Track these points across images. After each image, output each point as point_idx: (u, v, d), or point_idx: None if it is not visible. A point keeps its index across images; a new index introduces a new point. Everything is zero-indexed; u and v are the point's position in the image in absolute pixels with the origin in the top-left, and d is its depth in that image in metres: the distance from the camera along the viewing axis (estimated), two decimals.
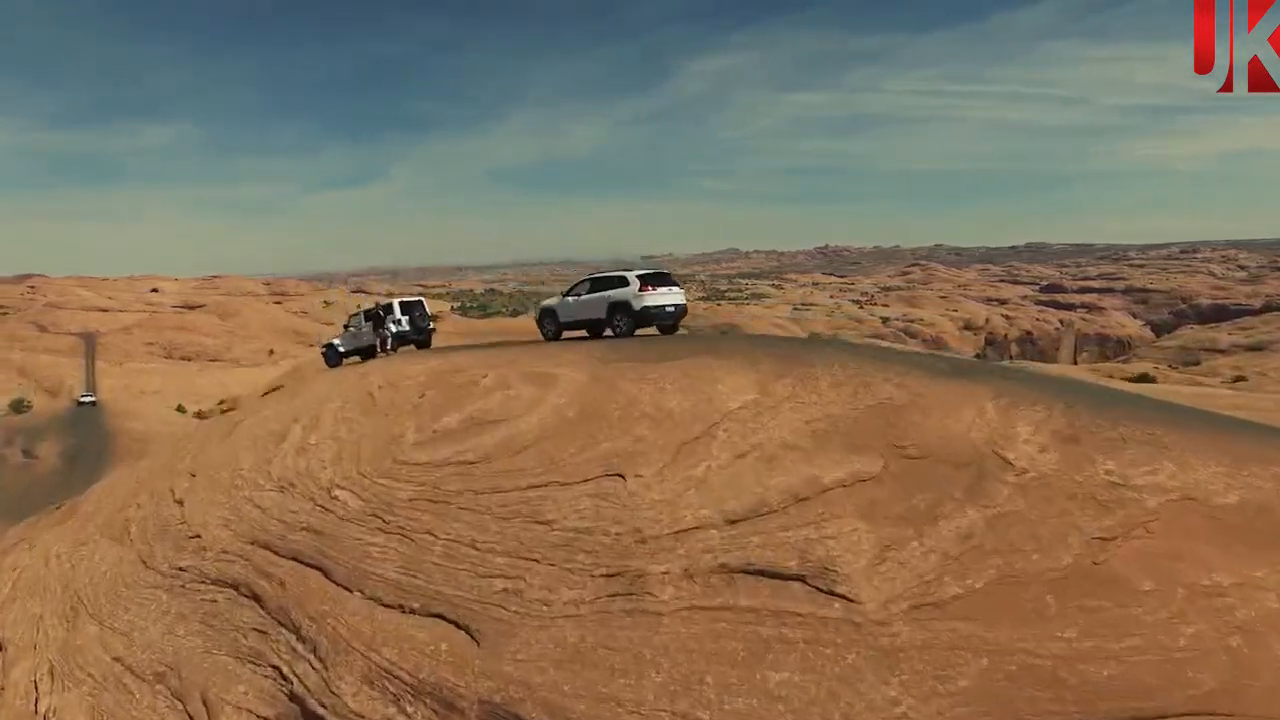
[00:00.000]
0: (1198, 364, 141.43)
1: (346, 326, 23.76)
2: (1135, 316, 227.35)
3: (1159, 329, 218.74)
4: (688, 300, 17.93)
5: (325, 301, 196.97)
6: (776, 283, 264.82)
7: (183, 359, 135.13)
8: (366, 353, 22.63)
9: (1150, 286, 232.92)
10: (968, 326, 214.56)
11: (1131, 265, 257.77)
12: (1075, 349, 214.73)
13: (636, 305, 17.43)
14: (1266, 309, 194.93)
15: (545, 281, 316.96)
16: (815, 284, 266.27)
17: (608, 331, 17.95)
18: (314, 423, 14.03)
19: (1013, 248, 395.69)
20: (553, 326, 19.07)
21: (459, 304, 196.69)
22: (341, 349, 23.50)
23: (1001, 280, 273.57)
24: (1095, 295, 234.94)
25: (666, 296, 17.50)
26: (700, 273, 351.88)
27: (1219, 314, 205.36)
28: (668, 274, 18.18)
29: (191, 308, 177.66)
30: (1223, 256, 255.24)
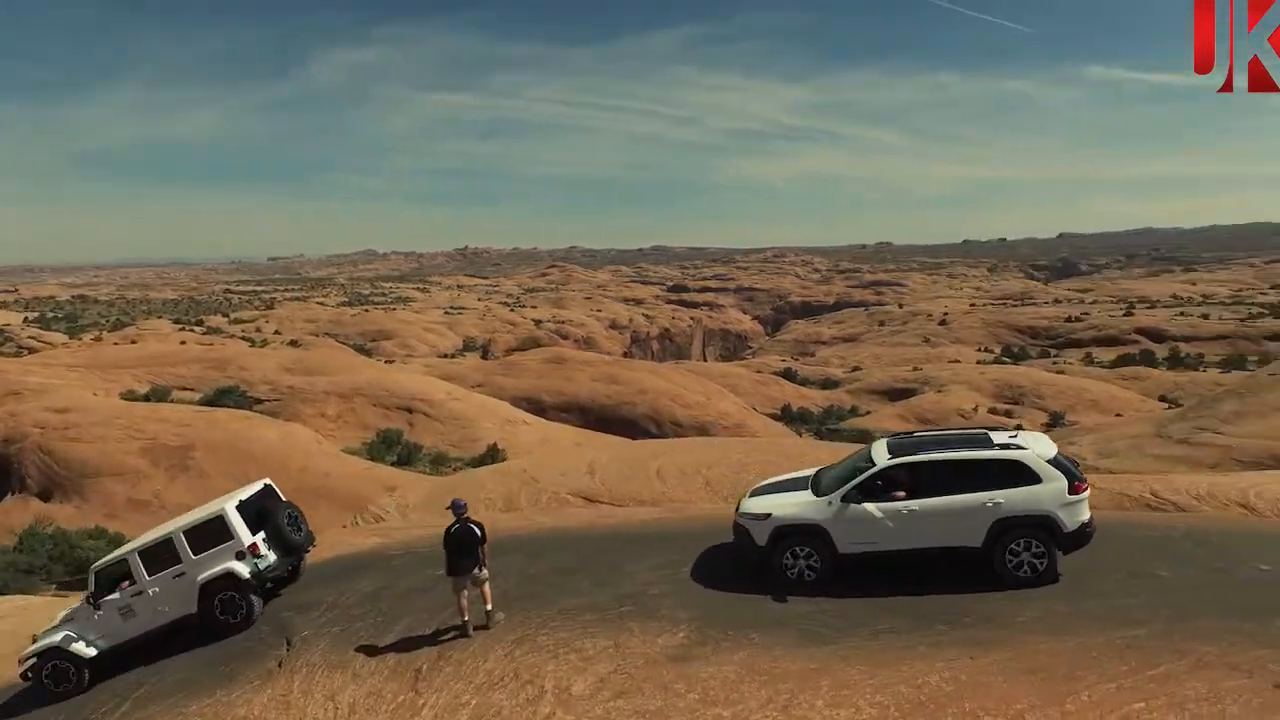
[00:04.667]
0: (812, 355, 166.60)
1: (93, 594, 11.37)
2: (745, 313, 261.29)
3: (764, 323, 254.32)
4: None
5: None
6: (421, 286, 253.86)
7: None
8: (162, 638, 11.22)
9: (755, 286, 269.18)
10: (614, 326, 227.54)
11: (739, 268, 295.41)
12: (704, 344, 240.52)
13: (1070, 522, 9.59)
14: (838, 305, 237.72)
15: (151, 285, 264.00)
16: (460, 286, 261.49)
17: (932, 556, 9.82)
18: None
19: (640, 250, 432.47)
20: (820, 559, 10.10)
21: (36, 315, 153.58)
22: (91, 651, 11.16)
23: (634, 281, 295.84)
24: (714, 294, 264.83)
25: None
26: (337, 275, 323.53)
27: (806, 309, 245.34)
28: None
29: None
30: (803, 260, 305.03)
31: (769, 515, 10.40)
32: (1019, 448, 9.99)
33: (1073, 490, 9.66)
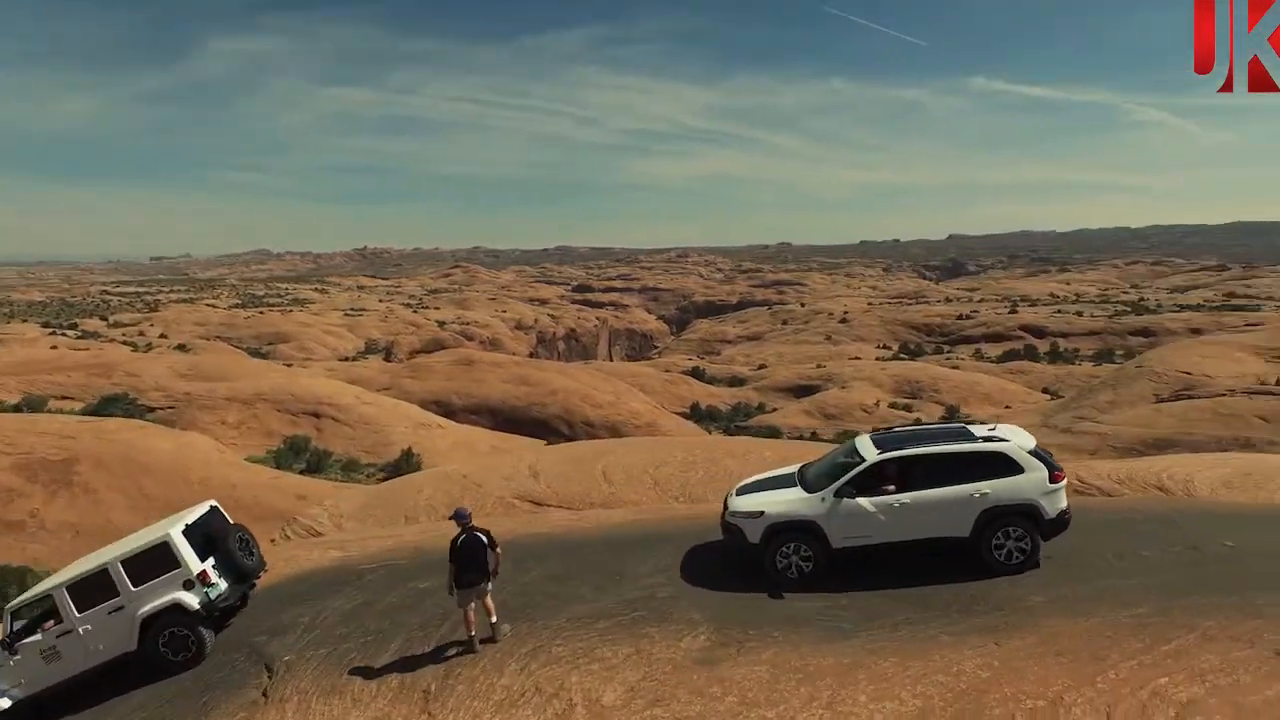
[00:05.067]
0: (718, 354, 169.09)
1: (9, 638, 10.25)
2: (650, 312, 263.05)
3: (669, 322, 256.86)
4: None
5: None
6: (319, 287, 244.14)
7: None
8: (94, 680, 10.03)
9: (660, 286, 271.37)
10: (519, 326, 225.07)
11: (643, 267, 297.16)
12: (610, 344, 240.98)
13: (1051, 510, 9.99)
14: (741, 305, 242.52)
15: (13, 286, 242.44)
16: (360, 287, 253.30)
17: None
18: None
19: (544, 250, 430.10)
20: (813, 554, 10.11)
21: None
22: (4, 702, 10.06)
23: (538, 281, 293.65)
24: (619, 294, 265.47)
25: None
26: (229, 276, 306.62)
27: (710, 309, 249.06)
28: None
29: None
30: (706, 261, 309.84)
31: (762, 513, 10.44)
32: (1001, 440, 10.41)
33: (1052, 479, 10.10)
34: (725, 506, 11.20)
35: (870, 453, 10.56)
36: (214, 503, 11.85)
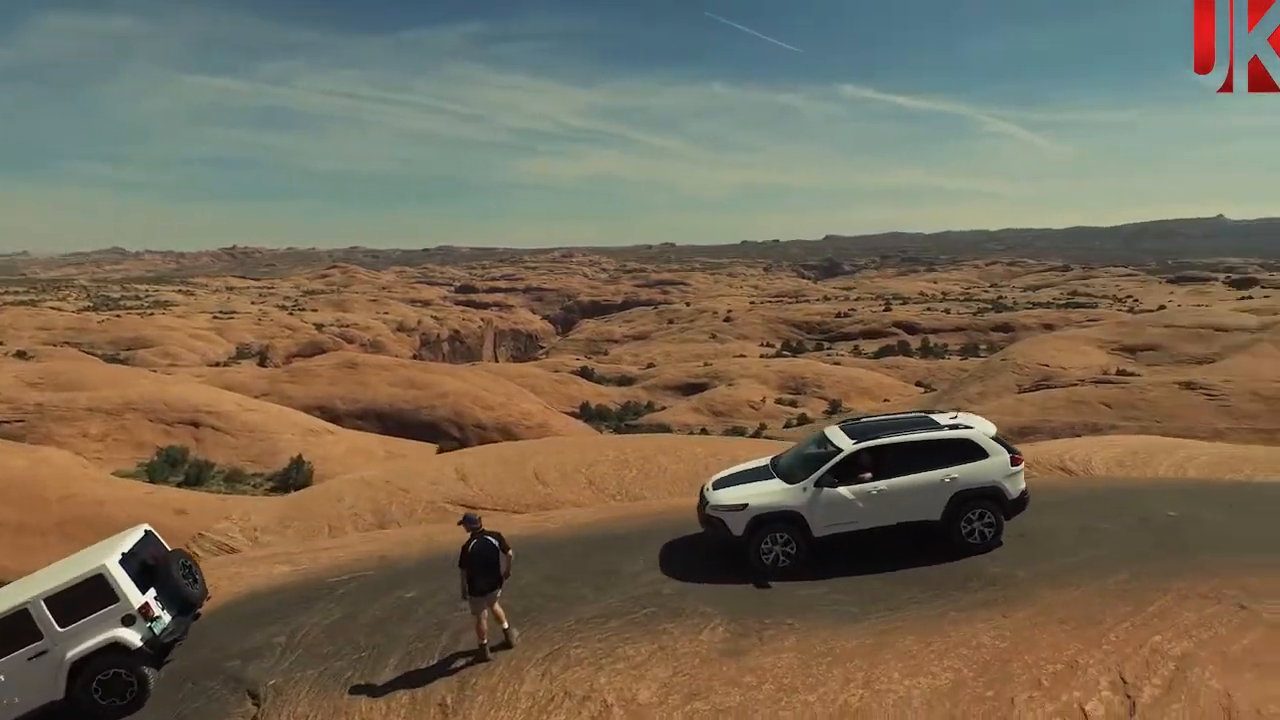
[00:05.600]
0: (606, 354, 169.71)
1: None
2: (535, 313, 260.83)
3: (554, 322, 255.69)
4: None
5: None
6: (183, 288, 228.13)
7: None
8: None
9: (544, 286, 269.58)
10: (401, 328, 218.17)
11: (527, 267, 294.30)
12: (495, 345, 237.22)
13: (1013, 491, 10.70)
14: (626, 304, 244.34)
15: None
16: (230, 288, 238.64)
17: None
18: None
19: (425, 250, 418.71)
20: (795, 543, 10.37)
21: None
22: None
23: (420, 281, 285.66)
24: (503, 295, 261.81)
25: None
26: (77, 276, 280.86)
27: (595, 309, 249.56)
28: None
29: None
30: (590, 261, 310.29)
31: (745, 505, 10.63)
32: (966, 427, 11.04)
33: (1013, 463, 10.85)
34: (702, 500, 11.32)
35: (845, 443, 10.94)
36: (148, 527, 10.90)
